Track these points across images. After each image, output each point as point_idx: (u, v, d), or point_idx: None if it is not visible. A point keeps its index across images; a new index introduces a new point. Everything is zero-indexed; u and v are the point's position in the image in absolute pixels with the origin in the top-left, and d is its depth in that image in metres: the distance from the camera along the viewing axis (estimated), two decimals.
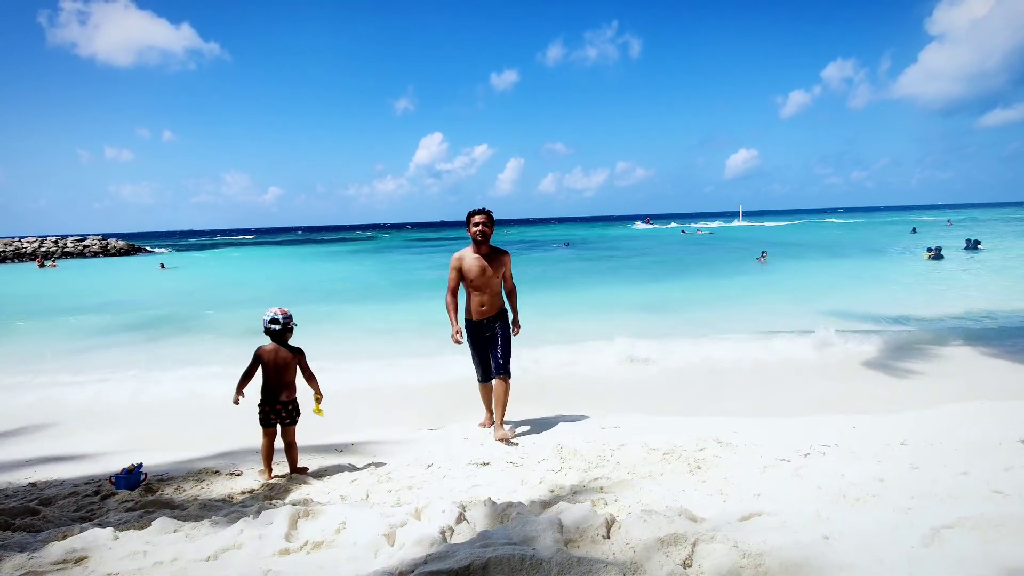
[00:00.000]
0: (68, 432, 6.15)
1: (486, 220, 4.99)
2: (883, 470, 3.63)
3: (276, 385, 4.35)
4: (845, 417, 5.39)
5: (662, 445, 4.48)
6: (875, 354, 8.27)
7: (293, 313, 4.48)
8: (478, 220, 4.97)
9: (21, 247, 48.45)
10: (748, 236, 48.97)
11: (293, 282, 25.20)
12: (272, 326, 4.36)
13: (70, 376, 8.67)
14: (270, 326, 4.36)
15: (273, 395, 4.34)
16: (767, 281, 18.29)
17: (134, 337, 12.23)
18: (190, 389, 7.65)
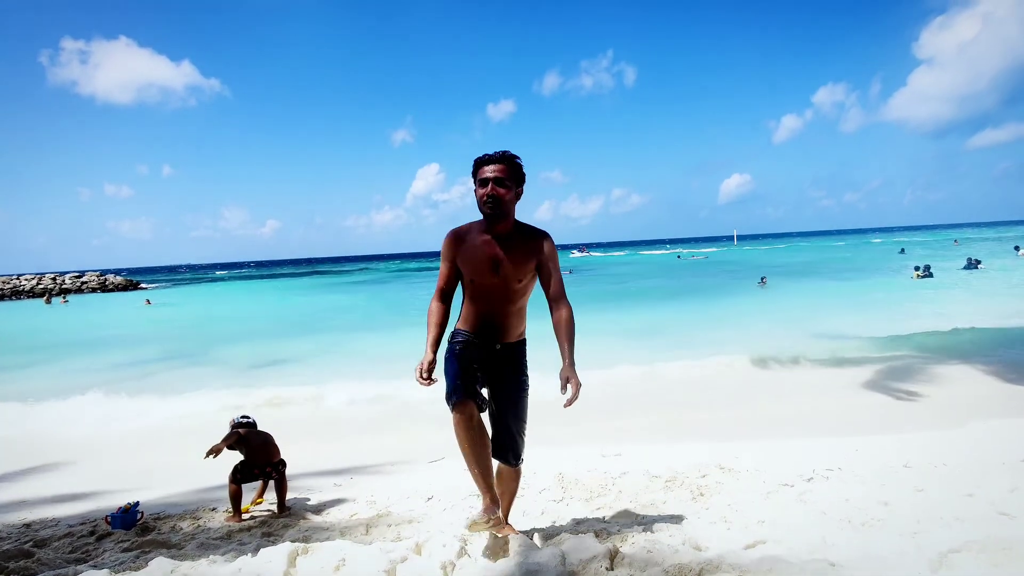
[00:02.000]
0: (63, 469, 6.07)
1: (503, 172, 2.56)
2: (888, 493, 3.60)
3: (264, 454, 4.48)
4: (847, 439, 5.35)
5: (664, 472, 4.44)
6: (874, 375, 8.25)
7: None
8: (488, 173, 2.56)
9: (19, 285, 48.38)
10: (743, 260, 49.21)
11: (284, 315, 25.12)
12: (244, 419, 4.65)
13: (61, 412, 8.59)
14: (242, 420, 4.64)
15: (265, 459, 4.46)
16: (767, 304, 18.32)
17: (122, 374, 12.14)
18: (182, 424, 7.57)
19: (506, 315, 2.65)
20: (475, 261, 2.58)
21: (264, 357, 13.01)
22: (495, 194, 2.48)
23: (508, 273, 2.57)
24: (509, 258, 2.56)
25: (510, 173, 2.53)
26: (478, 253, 2.57)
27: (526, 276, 2.61)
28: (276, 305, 31.42)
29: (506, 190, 2.50)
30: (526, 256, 2.58)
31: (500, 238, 2.57)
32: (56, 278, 51.75)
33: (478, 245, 2.58)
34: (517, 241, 2.59)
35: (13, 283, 48.78)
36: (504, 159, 2.52)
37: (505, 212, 2.53)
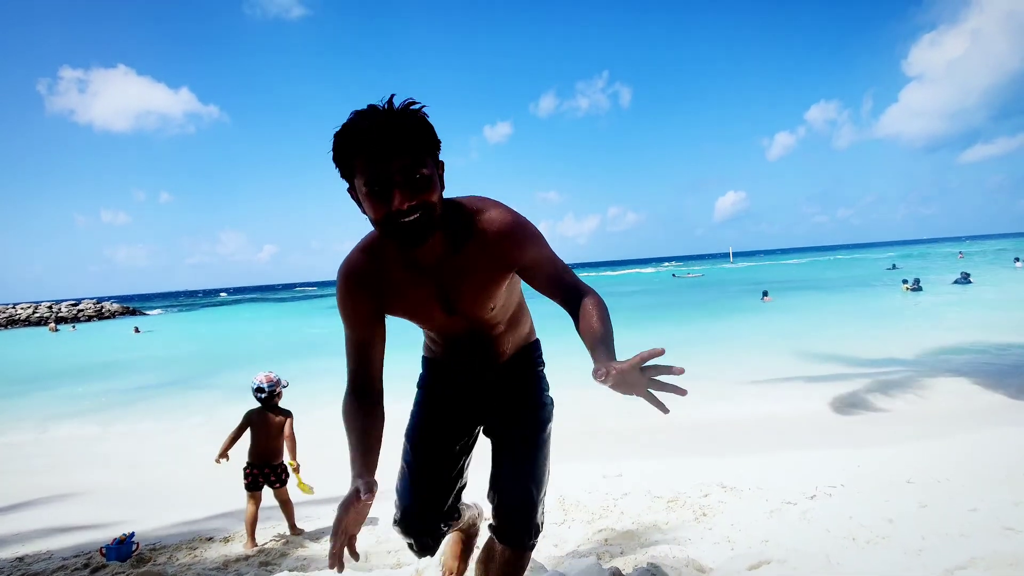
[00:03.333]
0: (56, 499, 5.99)
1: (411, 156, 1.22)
2: (891, 510, 3.57)
3: (263, 448, 4.27)
4: (848, 454, 5.32)
5: (665, 493, 4.41)
6: (870, 388, 8.22)
7: (282, 375, 4.45)
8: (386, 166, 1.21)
9: (16, 314, 48.25)
10: (740, 277, 49.35)
11: (279, 339, 25.02)
12: (258, 394, 4.31)
13: (56, 440, 8.50)
14: (256, 395, 4.32)
15: (259, 457, 4.26)
16: (769, 320, 18.32)
17: (112, 401, 12.05)
18: (177, 453, 7.50)
19: (495, 336, 1.71)
20: (409, 311, 1.53)
21: None
22: (419, 202, 1.22)
23: (472, 306, 1.54)
24: (466, 283, 1.48)
25: (423, 144, 1.23)
26: (410, 298, 1.49)
27: (500, 294, 1.56)
28: (270, 329, 31.28)
29: (429, 188, 1.24)
30: (492, 268, 1.47)
31: (437, 257, 1.43)
32: (52, 306, 51.61)
33: (403, 285, 1.46)
34: (466, 249, 1.44)
35: (9, 312, 48.67)
36: (403, 126, 1.19)
37: (435, 224, 1.28)
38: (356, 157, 1.21)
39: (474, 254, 1.44)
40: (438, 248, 1.41)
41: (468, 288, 1.49)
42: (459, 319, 1.57)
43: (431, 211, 1.25)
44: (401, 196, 1.20)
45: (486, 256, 1.44)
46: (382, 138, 1.17)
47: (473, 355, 1.74)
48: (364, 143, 1.18)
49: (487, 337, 1.70)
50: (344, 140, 1.21)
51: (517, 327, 1.78)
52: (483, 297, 1.53)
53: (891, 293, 23.84)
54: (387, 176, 1.19)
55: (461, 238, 1.43)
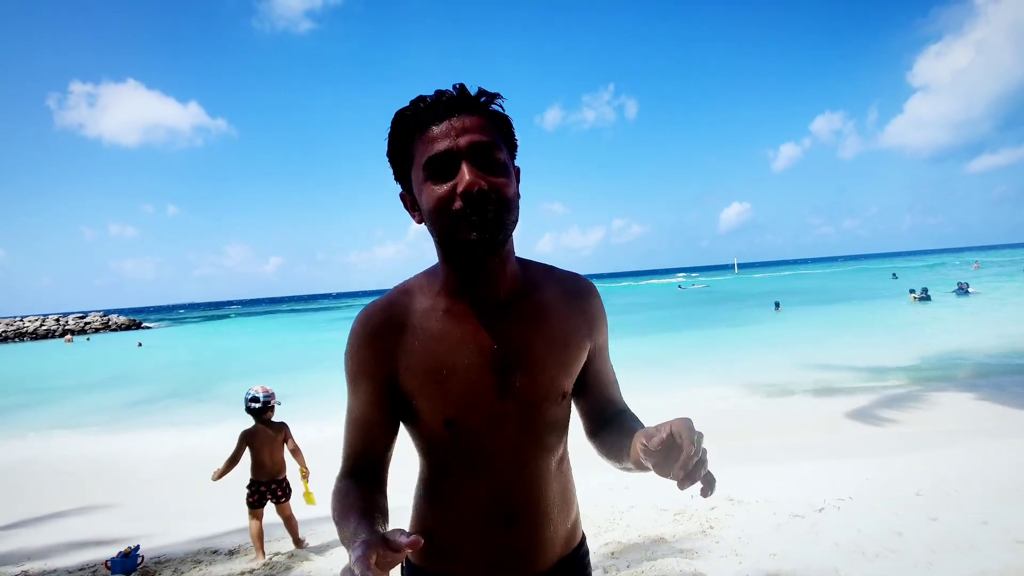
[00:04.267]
0: (62, 514, 5.99)
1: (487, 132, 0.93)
2: (901, 523, 3.54)
3: (268, 465, 4.25)
4: (857, 465, 5.27)
5: (672, 505, 4.38)
6: (880, 400, 8.17)
7: (276, 390, 4.45)
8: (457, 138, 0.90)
9: (24, 327, 48.66)
10: (746, 289, 49.21)
11: (283, 351, 25.06)
12: (252, 404, 4.28)
13: (59, 453, 8.52)
14: (251, 404, 4.29)
15: (266, 474, 4.25)
16: (783, 331, 18.25)
17: (116, 415, 12.08)
18: (182, 467, 7.50)
19: (542, 489, 1.08)
20: (442, 378, 0.99)
21: None
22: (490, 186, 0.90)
23: (540, 380, 1.03)
24: (540, 338, 1.03)
25: (499, 133, 0.97)
26: (450, 358, 0.99)
27: (575, 373, 1.09)
28: (276, 341, 31.34)
29: (505, 173, 0.94)
30: (573, 326, 1.07)
31: (505, 293, 1.02)
32: (60, 319, 52.00)
33: (445, 337, 1.00)
34: (543, 293, 1.06)
35: (17, 325, 49.07)
36: (480, 102, 0.95)
37: (509, 226, 0.95)
38: (417, 132, 0.93)
39: (549, 302, 1.05)
40: (509, 284, 1.01)
41: (537, 348, 1.01)
42: (511, 408, 1.01)
43: (506, 208, 0.92)
44: (472, 175, 0.88)
45: (564, 308, 1.06)
46: (452, 112, 0.92)
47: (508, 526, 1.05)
48: (429, 115, 0.92)
49: (534, 491, 1.07)
50: (404, 116, 0.94)
51: (570, 493, 1.16)
52: (555, 368, 1.03)
53: (899, 303, 23.74)
54: (455, 154, 0.90)
55: (533, 284, 1.06)
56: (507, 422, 1.01)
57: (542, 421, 1.05)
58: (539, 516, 1.07)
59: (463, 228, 0.90)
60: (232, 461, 4.21)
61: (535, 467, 1.06)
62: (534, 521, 1.07)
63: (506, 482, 1.05)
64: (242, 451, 4.23)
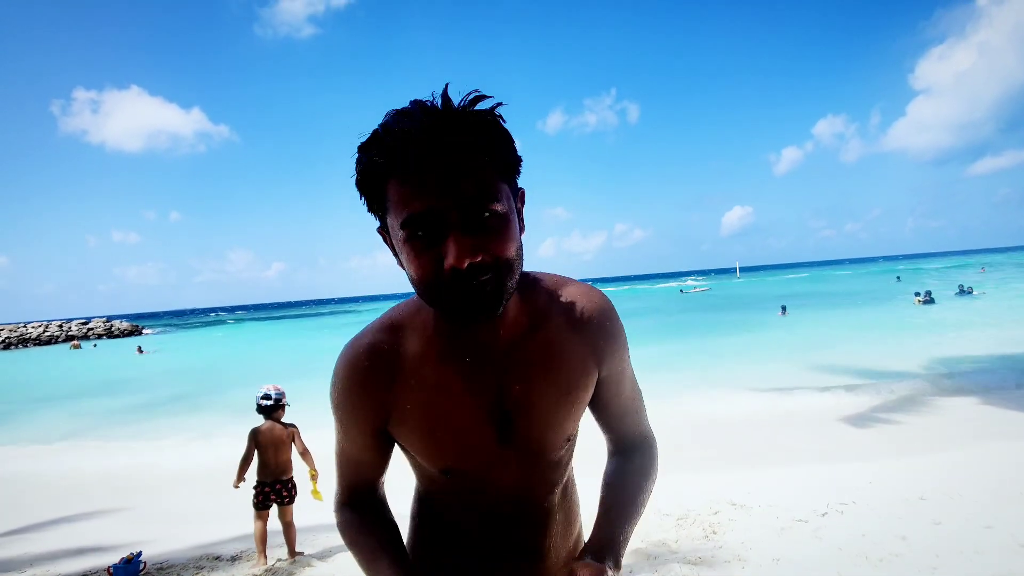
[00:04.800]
0: (64, 521, 5.99)
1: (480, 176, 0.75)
2: (904, 527, 3.53)
3: (273, 464, 4.25)
4: (861, 469, 5.26)
5: (675, 510, 4.37)
6: (885, 402, 8.15)
7: (286, 391, 4.45)
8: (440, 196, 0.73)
9: (26, 333, 48.81)
10: (748, 292, 49.16)
11: (283, 357, 25.05)
12: (264, 402, 4.29)
13: (60, 461, 8.53)
14: (262, 402, 4.30)
15: (270, 474, 4.25)
16: (784, 333, 18.23)
17: (117, 420, 12.10)
18: (184, 473, 7.51)
19: (546, 525, 1.05)
20: (436, 427, 0.92)
21: None
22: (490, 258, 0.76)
23: (542, 428, 0.95)
24: (540, 386, 0.92)
25: (494, 163, 0.77)
26: (444, 406, 0.91)
27: (579, 414, 1.00)
28: (275, 348, 31.34)
29: (504, 234, 0.77)
30: (577, 364, 0.95)
31: (505, 342, 0.91)
32: (63, 325, 52.13)
33: (439, 385, 0.90)
34: (545, 331, 0.93)
35: (20, 331, 49.21)
36: (466, 133, 0.74)
37: (511, 290, 0.80)
38: (389, 178, 0.75)
39: (555, 338, 0.92)
40: (510, 326, 0.90)
41: (538, 396, 0.91)
42: (511, 458, 0.94)
43: (506, 272, 0.78)
44: (459, 248, 0.73)
45: (571, 341, 0.93)
46: (431, 150, 0.72)
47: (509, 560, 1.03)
48: (402, 157, 0.73)
49: (538, 514, 1.02)
50: (372, 153, 0.75)
51: (570, 517, 1.10)
52: (558, 416, 0.94)
53: (903, 306, 23.69)
54: (438, 214, 0.74)
55: (537, 317, 0.93)
56: (507, 468, 0.95)
57: (543, 468, 0.99)
58: (542, 551, 1.04)
59: (454, 302, 0.77)
60: (245, 461, 4.23)
61: (538, 506, 1.02)
62: (536, 556, 1.04)
63: (507, 522, 1.01)
64: (252, 449, 4.24)
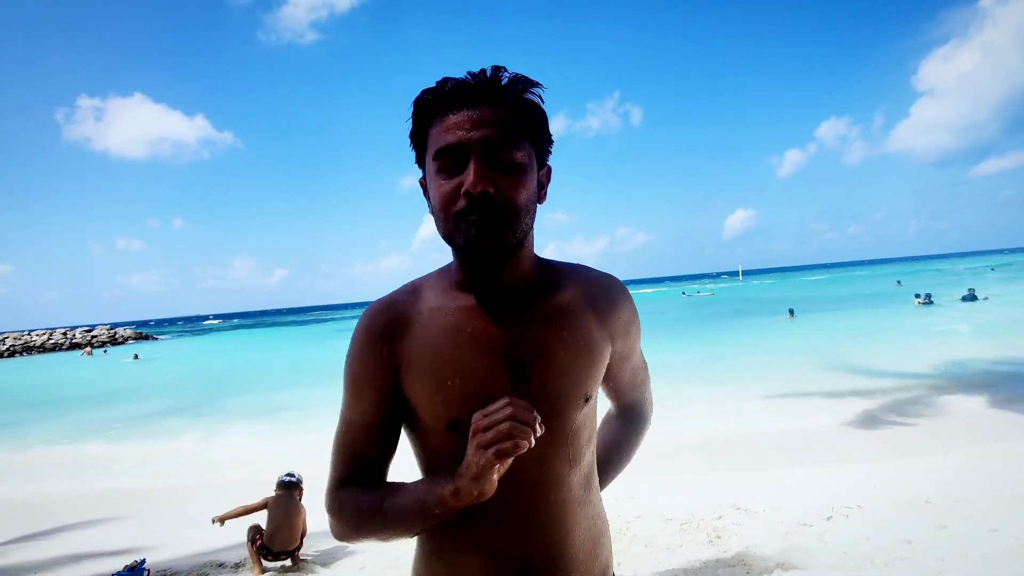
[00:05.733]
0: (69, 529, 5.99)
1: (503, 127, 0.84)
2: (910, 531, 3.52)
3: (286, 536, 4.25)
4: (866, 472, 5.24)
5: (679, 515, 4.36)
6: (889, 404, 8.12)
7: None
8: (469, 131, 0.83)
9: (31, 340, 48.97)
10: (752, 295, 49.07)
11: (284, 363, 25.04)
12: (287, 479, 4.40)
13: (63, 469, 8.54)
14: (285, 479, 4.40)
15: (282, 546, 4.25)
16: (787, 337, 18.21)
17: (118, 428, 12.11)
18: (187, 480, 7.51)
19: (566, 520, 0.93)
20: (449, 377, 0.88)
21: (266, 406, 12.90)
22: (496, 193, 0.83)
23: (558, 381, 0.90)
24: (555, 342, 0.92)
25: (525, 127, 0.88)
26: (460, 359, 0.89)
27: (598, 377, 0.97)
28: (277, 354, 31.34)
29: (517, 174, 0.86)
30: (593, 329, 0.96)
31: (512, 300, 0.93)
32: (67, 332, 52.28)
33: (455, 335, 0.90)
34: (562, 295, 0.96)
35: (24, 339, 49.35)
36: (507, 89, 0.87)
37: (516, 232, 0.87)
38: (435, 117, 0.86)
39: (572, 303, 0.95)
40: (528, 286, 0.94)
41: (556, 347, 0.91)
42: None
43: (513, 213, 0.84)
44: (476, 175, 0.81)
45: (588, 310, 0.95)
46: (471, 98, 0.84)
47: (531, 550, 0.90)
48: (446, 100, 0.85)
49: (556, 500, 0.92)
50: (423, 97, 0.88)
51: (597, 527, 1.00)
52: (575, 370, 0.91)
53: (903, 308, 23.62)
54: (465, 147, 0.83)
55: (552, 282, 0.96)
56: None
57: (563, 427, 0.90)
58: (563, 559, 0.91)
59: (462, 229, 0.84)
60: (246, 511, 4.23)
61: (556, 488, 0.91)
62: (554, 564, 0.90)
63: (521, 511, 0.89)
64: (258, 508, 4.26)
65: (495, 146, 0.83)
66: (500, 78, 0.86)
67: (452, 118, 0.84)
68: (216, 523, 4.12)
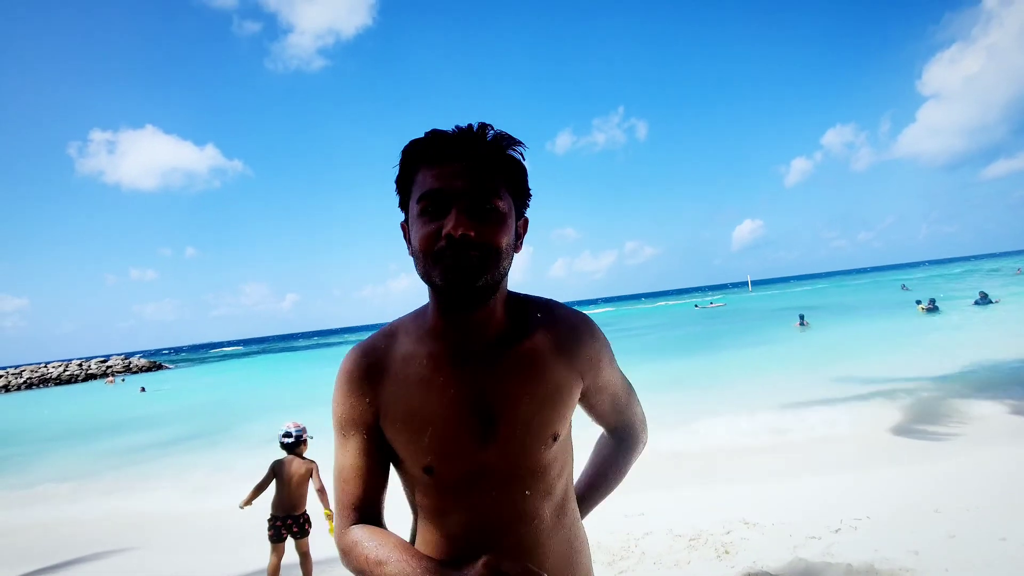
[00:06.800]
0: (84, 558, 6.06)
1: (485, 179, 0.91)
2: (918, 541, 3.52)
3: (287, 499, 4.30)
4: (874, 481, 5.22)
5: (687, 531, 4.37)
6: (896, 414, 8.07)
7: (307, 426, 4.54)
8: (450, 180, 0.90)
9: (47, 372, 49.58)
10: (762, 306, 48.76)
11: (296, 388, 25.15)
12: (285, 439, 4.41)
13: (77, 503, 8.63)
14: (283, 440, 4.42)
15: (283, 508, 4.30)
16: (796, 346, 18.10)
17: (125, 460, 12.23)
18: (201, 505, 7.57)
19: (540, 544, 1.00)
20: (420, 423, 0.96)
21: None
22: (479, 238, 0.89)
23: (523, 428, 0.96)
24: (521, 386, 0.97)
25: (506, 180, 0.95)
26: (429, 403, 0.96)
27: (565, 419, 1.02)
28: (284, 380, 31.43)
29: (496, 224, 0.92)
30: (560, 371, 1.01)
31: (487, 339, 0.99)
32: (82, 364, 52.83)
33: (425, 382, 0.97)
34: (530, 339, 1.01)
35: (41, 371, 49.93)
36: (492, 144, 0.94)
37: (493, 275, 0.92)
38: (419, 164, 0.93)
39: (540, 348, 0.99)
40: (497, 333, 0.98)
41: (522, 394, 0.95)
42: (494, 456, 0.95)
43: (493, 257, 0.90)
44: (459, 219, 0.87)
45: (555, 354, 1.00)
46: (457, 150, 0.90)
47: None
48: (432, 149, 0.91)
49: (528, 530, 0.98)
50: (412, 146, 0.93)
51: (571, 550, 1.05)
52: (542, 414, 0.96)
53: (908, 314, 23.35)
54: (448, 194, 0.89)
55: (522, 326, 1.00)
56: (491, 472, 0.95)
57: (529, 467, 0.97)
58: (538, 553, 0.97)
59: (440, 271, 0.89)
60: (259, 488, 4.32)
61: (527, 522, 0.97)
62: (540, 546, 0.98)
63: (494, 547, 0.94)
64: (269, 480, 4.33)
65: (477, 195, 0.90)
66: (485, 134, 0.92)
67: (438, 167, 0.91)
68: (242, 507, 4.26)
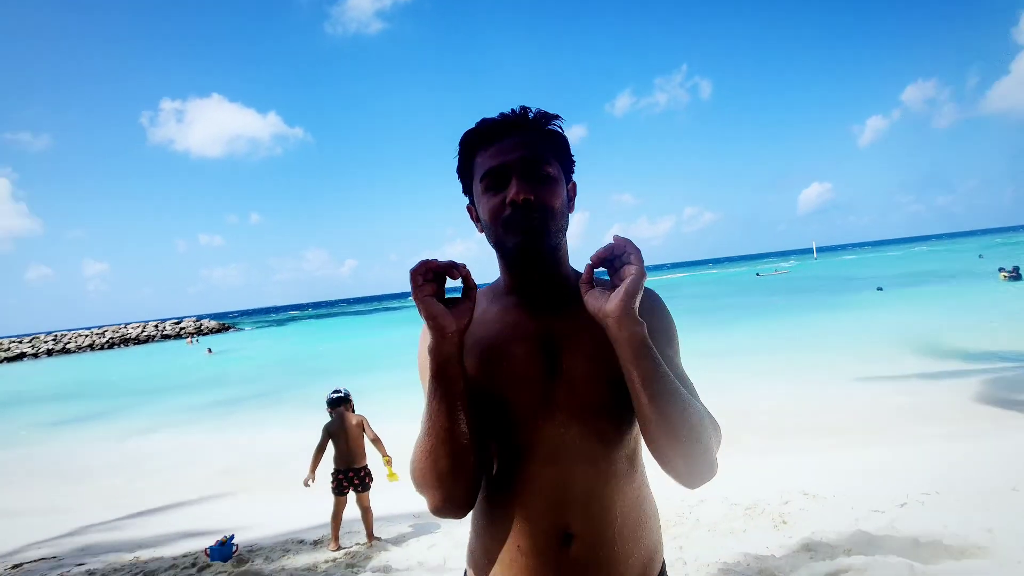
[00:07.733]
0: (164, 510, 6.51)
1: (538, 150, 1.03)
2: (992, 519, 3.35)
3: (347, 452, 4.55)
4: (945, 454, 4.99)
5: (744, 500, 4.31)
6: (973, 385, 7.64)
7: (353, 389, 4.88)
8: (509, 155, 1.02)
9: (127, 333, 53.15)
10: (828, 273, 46.77)
11: (356, 352, 25.93)
12: (334, 395, 4.70)
13: (156, 456, 9.24)
14: (332, 396, 4.69)
15: (344, 462, 4.54)
16: (868, 315, 17.40)
17: (201, 414, 12.94)
18: (269, 460, 7.98)
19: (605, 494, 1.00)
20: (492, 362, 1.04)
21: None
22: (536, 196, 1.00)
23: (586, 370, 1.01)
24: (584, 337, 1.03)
25: (552, 150, 1.06)
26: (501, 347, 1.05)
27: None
28: (354, 341, 32.49)
29: (551, 185, 1.03)
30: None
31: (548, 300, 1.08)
32: (158, 325, 56.37)
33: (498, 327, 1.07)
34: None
35: (122, 332, 53.53)
36: (534, 121, 1.06)
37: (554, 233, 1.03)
38: (478, 149, 1.06)
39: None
40: (565, 292, 1.08)
41: (584, 332, 1.02)
42: (562, 391, 0.99)
43: (551, 217, 1.01)
44: (520, 186, 0.99)
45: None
46: (507, 130, 1.04)
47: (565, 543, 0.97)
48: (487, 134, 1.05)
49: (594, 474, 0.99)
50: (468, 135, 1.08)
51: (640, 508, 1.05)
52: (604, 352, 0.98)
53: (988, 284, 21.96)
54: (507, 167, 1.01)
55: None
56: (558, 407, 0.99)
57: (595, 405, 0.99)
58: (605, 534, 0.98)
59: (511, 234, 1.01)
60: (318, 452, 4.55)
61: (591, 462, 0.99)
62: (595, 538, 0.97)
63: (558, 483, 0.98)
64: (325, 443, 4.56)
65: (531, 164, 1.02)
66: (527, 114, 1.06)
67: (493, 147, 1.04)
68: (308, 484, 4.44)
